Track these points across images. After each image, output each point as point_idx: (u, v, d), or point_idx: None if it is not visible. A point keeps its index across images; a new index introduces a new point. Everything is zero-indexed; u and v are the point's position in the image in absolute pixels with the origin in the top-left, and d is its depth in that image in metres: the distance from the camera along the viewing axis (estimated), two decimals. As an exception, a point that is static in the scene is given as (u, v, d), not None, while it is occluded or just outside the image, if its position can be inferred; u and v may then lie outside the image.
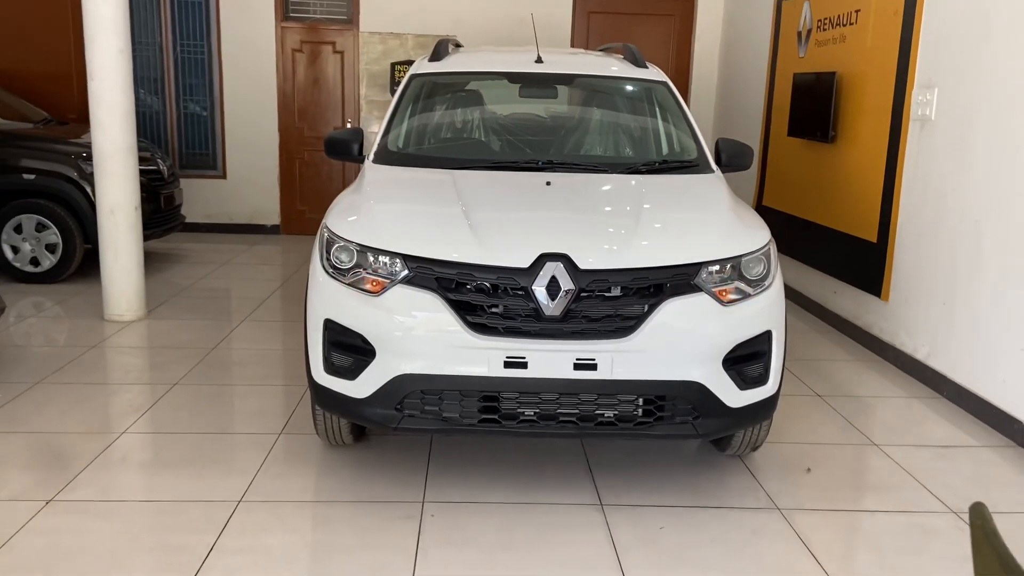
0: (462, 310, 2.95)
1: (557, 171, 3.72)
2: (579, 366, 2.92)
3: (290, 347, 5.04)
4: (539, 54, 4.40)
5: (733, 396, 3.05)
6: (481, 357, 2.91)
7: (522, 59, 4.41)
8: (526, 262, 2.93)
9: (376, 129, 4.39)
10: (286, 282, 6.84)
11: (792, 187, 6.63)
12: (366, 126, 8.58)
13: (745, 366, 3.09)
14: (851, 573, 2.81)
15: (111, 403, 4.13)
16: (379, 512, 3.08)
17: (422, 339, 2.97)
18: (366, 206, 3.39)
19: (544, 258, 2.94)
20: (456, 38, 5.08)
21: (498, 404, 2.98)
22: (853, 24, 5.63)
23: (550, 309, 2.92)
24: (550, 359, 2.92)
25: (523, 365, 2.92)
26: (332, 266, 3.12)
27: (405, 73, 4.45)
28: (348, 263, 3.09)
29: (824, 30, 6.10)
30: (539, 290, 2.92)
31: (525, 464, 3.51)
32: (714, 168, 3.91)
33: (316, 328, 3.12)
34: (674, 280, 3.00)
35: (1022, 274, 3.91)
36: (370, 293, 3.01)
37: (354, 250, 3.08)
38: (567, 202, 3.45)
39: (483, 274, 2.95)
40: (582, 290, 2.94)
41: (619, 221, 3.31)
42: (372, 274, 3.03)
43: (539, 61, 4.36)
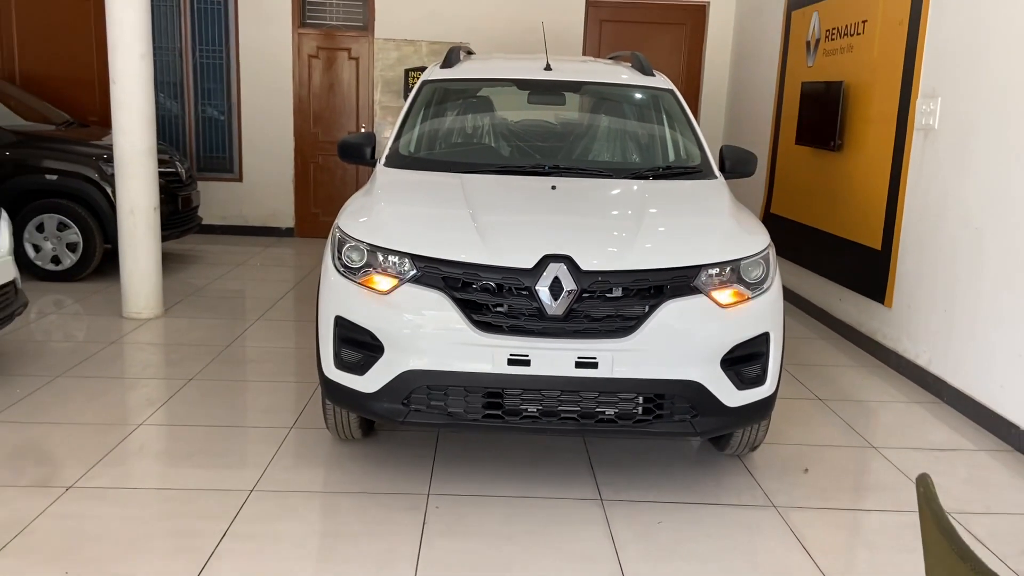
0: (468, 309, 3.05)
1: (563, 176, 3.81)
2: (580, 364, 3.02)
3: (302, 345, 5.16)
4: (548, 62, 4.48)
5: (731, 396, 3.13)
6: (486, 354, 3.02)
7: (531, 66, 4.49)
8: (530, 263, 3.03)
9: (389, 134, 4.50)
10: (299, 283, 6.96)
11: (800, 195, 6.67)
12: (380, 131, 8.70)
13: (743, 367, 3.17)
14: (843, 568, 2.88)
15: (129, 396, 4.26)
16: (386, 503, 3.19)
17: (429, 336, 3.07)
18: (377, 208, 3.49)
19: (547, 259, 3.03)
20: (469, 45, 5.18)
21: (502, 400, 3.08)
22: (860, 34, 5.70)
23: (553, 309, 3.02)
24: (552, 357, 3.02)
25: (526, 363, 3.01)
26: (343, 265, 3.23)
27: (418, 79, 4.55)
28: (359, 262, 3.20)
29: (832, 40, 6.17)
30: (542, 290, 3.02)
31: (528, 460, 3.60)
32: (717, 174, 3.99)
33: (327, 325, 3.23)
34: (674, 282, 3.09)
35: (1019, 282, 3.97)
36: (379, 291, 3.11)
37: (364, 250, 3.19)
38: (571, 206, 3.54)
39: (488, 274, 3.05)
40: (584, 290, 3.03)
41: (621, 224, 3.40)
42: (381, 273, 3.14)
43: (548, 69, 4.43)
